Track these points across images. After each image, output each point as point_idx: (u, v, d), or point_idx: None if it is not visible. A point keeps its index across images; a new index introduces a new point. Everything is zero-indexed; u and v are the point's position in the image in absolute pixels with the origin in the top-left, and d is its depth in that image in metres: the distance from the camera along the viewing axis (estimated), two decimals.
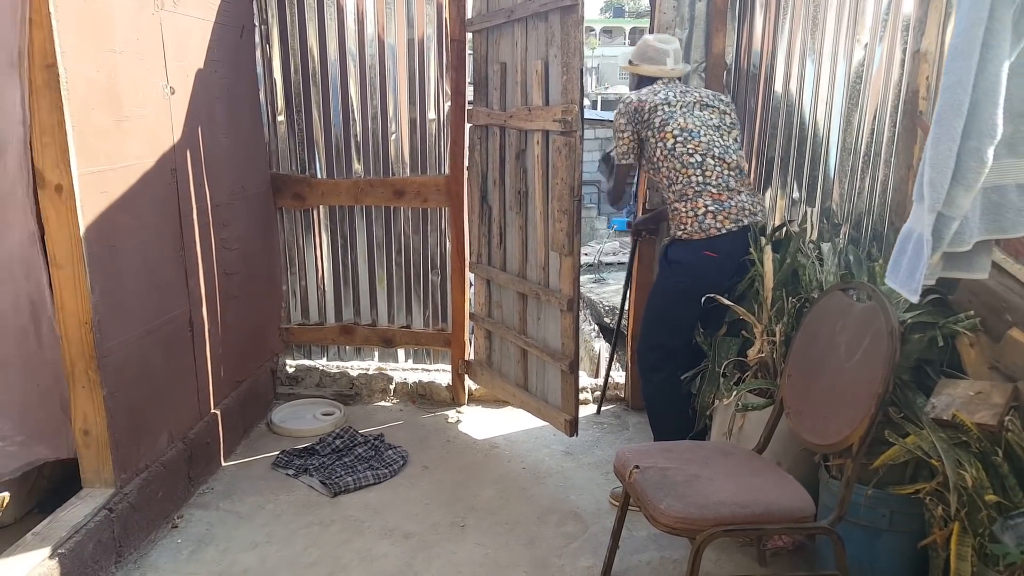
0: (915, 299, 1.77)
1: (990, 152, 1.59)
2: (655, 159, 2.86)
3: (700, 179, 2.78)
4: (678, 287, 2.85)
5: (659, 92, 2.88)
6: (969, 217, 1.67)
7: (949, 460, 1.83)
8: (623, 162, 2.96)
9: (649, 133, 2.84)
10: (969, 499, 1.81)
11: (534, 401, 3.35)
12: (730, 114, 2.96)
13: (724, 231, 2.76)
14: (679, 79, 3.01)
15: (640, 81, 3.02)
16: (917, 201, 1.75)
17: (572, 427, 3.12)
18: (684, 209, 2.82)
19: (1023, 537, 1.69)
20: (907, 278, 1.76)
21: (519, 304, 3.35)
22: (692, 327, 2.90)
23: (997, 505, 1.80)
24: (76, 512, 2.31)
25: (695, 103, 2.87)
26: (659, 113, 2.82)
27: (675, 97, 2.86)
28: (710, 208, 2.77)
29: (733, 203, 2.79)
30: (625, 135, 2.89)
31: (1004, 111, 1.60)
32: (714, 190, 2.78)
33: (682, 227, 2.83)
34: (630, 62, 3.06)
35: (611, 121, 3.08)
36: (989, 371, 2.01)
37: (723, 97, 3.00)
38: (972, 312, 2.09)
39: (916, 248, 1.72)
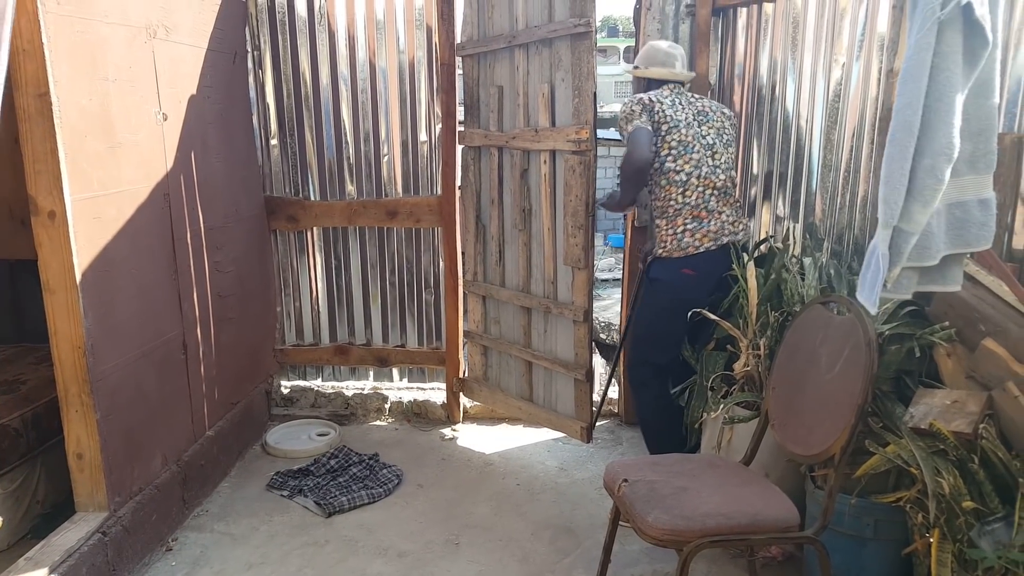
0: (873, 311, 1.83)
1: (946, 170, 1.64)
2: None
3: (680, 198, 2.81)
4: (660, 305, 2.89)
5: (667, 96, 2.84)
6: (935, 232, 1.72)
7: (927, 468, 1.86)
8: (645, 127, 2.78)
9: (656, 137, 2.81)
10: (947, 506, 1.84)
11: (543, 412, 3.42)
12: (728, 130, 2.93)
13: (702, 249, 2.80)
14: (683, 85, 2.97)
15: (648, 85, 2.98)
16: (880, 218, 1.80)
17: (588, 434, 3.23)
18: (664, 227, 2.86)
19: (1000, 542, 1.72)
20: (869, 291, 1.81)
21: (523, 318, 3.42)
22: (678, 343, 2.94)
23: (974, 511, 1.83)
24: (70, 536, 2.32)
25: (697, 115, 2.85)
26: (667, 120, 2.79)
27: (681, 105, 2.84)
28: (688, 227, 2.81)
29: (712, 223, 2.81)
30: (642, 117, 2.79)
31: (963, 131, 1.66)
32: (693, 209, 2.81)
33: (662, 245, 2.87)
34: (636, 67, 3.03)
35: (614, 140, 3.10)
36: (966, 380, 2.05)
37: (725, 110, 2.97)
38: (948, 323, 2.13)
39: (877, 263, 1.77)
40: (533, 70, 3.15)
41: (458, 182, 3.60)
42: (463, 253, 3.68)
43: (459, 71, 3.55)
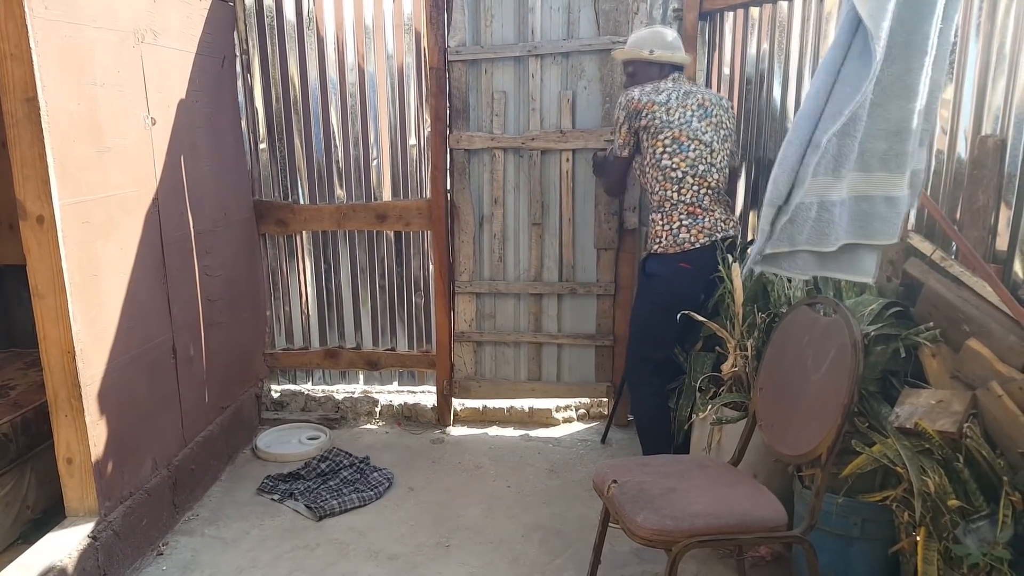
0: (741, 277, 2.10)
1: (812, 159, 1.73)
2: (644, 163, 2.94)
3: (676, 195, 2.85)
4: (658, 300, 2.91)
5: (662, 91, 2.83)
6: (836, 221, 1.78)
7: (913, 467, 1.88)
8: (621, 155, 2.99)
9: (645, 135, 2.87)
10: (933, 504, 1.87)
11: (561, 387, 3.80)
12: (726, 123, 2.90)
13: (698, 245, 2.84)
14: (680, 70, 2.96)
15: (644, 71, 2.93)
16: None
17: (611, 391, 3.72)
18: (660, 221, 2.90)
19: (984, 540, 1.75)
20: (749, 262, 1.97)
21: (533, 305, 3.73)
22: (674, 339, 2.96)
23: (959, 509, 1.85)
24: (60, 541, 2.32)
25: (696, 109, 2.82)
26: (656, 118, 2.80)
27: (677, 99, 2.81)
28: (684, 223, 2.84)
29: (707, 219, 2.85)
30: (622, 130, 2.93)
31: (880, 130, 1.72)
32: (688, 206, 2.85)
33: (658, 240, 2.90)
34: (652, 51, 2.91)
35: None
36: (950, 380, 2.08)
37: (724, 101, 2.94)
38: (932, 324, 2.16)
39: (758, 237, 1.88)
40: (548, 78, 3.46)
41: (447, 185, 3.62)
42: (451, 258, 3.69)
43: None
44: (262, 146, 3.73)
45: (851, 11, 1.70)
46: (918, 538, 1.90)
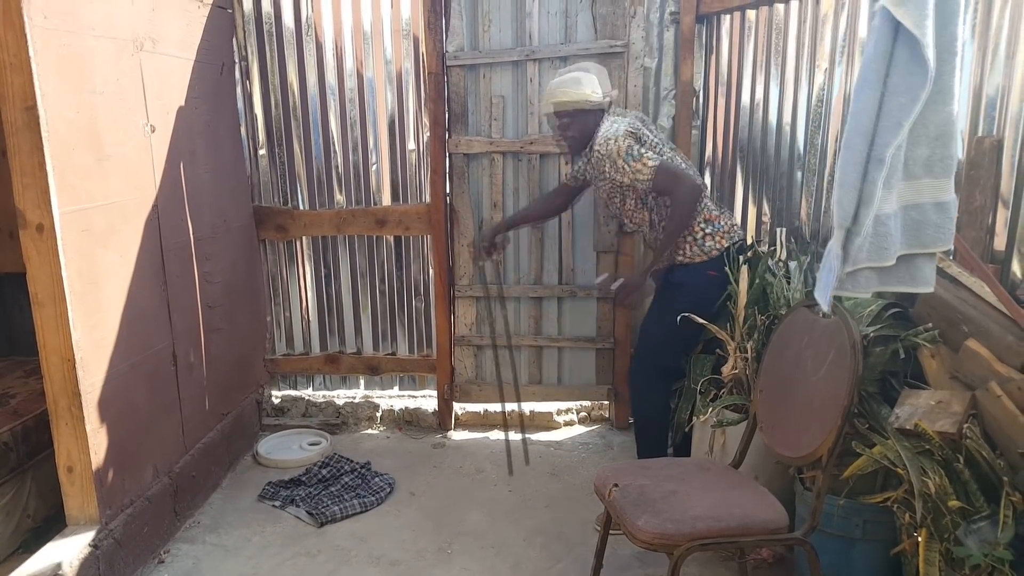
0: (826, 308, 1.92)
1: (878, 174, 1.69)
2: (648, 197, 2.86)
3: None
4: (684, 310, 2.83)
5: (633, 124, 2.81)
6: (892, 233, 1.76)
7: (913, 468, 1.88)
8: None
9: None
10: (934, 506, 1.87)
11: (561, 390, 3.83)
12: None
13: (722, 250, 2.82)
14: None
15: (582, 120, 2.89)
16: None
17: (614, 394, 3.75)
18: (682, 234, 2.83)
19: (986, 540, 1.75)
20: (823, 291, 1.89)
21: (534, 309, 3.76)
22: (691, 345, 2.97)
23: (960, 510, 1.85)
24: (61, 550, 2.31)
25: (651, 127, 2.96)
26: (654, 145, 2.80)
27: (645, 126, 2.89)
28: (707, 231, 2.82)
29: (723, 223, 2.84)
30: (647, 154, 2.73)
31: (920, 135, 1.70)
32: (702, 214, 2.81)
33: (680, 251, 2.85)
34: (595, 93, 2.86)
35: None
36: (950, 381, 2.08)
37: (641, 114, 3.07)
38: (931, 325, 2.16)
39: (832, 262, 1.83)
40: (546, 82, 3.38)
41: (447, 190, 3.63)
42: (451, 262, 3.70)
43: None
44: (261, 152, 3.74)
45: (886, 21, 1.66)
46: (919, 539, 1.90)
